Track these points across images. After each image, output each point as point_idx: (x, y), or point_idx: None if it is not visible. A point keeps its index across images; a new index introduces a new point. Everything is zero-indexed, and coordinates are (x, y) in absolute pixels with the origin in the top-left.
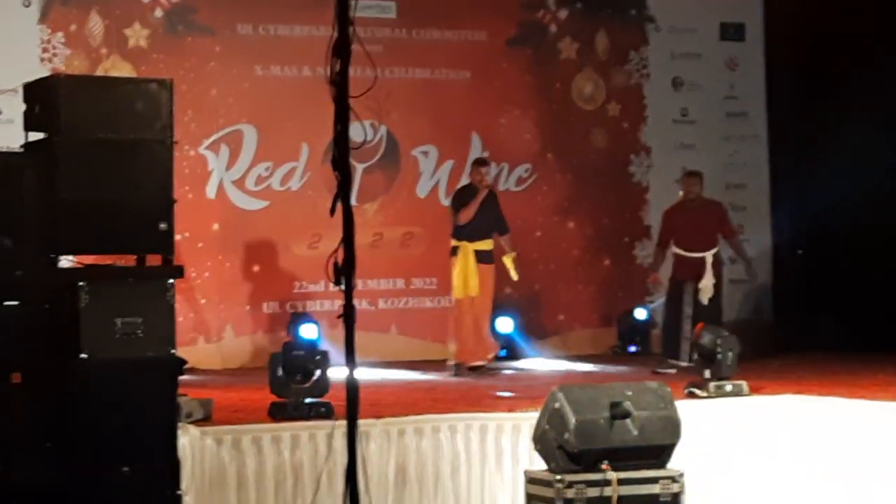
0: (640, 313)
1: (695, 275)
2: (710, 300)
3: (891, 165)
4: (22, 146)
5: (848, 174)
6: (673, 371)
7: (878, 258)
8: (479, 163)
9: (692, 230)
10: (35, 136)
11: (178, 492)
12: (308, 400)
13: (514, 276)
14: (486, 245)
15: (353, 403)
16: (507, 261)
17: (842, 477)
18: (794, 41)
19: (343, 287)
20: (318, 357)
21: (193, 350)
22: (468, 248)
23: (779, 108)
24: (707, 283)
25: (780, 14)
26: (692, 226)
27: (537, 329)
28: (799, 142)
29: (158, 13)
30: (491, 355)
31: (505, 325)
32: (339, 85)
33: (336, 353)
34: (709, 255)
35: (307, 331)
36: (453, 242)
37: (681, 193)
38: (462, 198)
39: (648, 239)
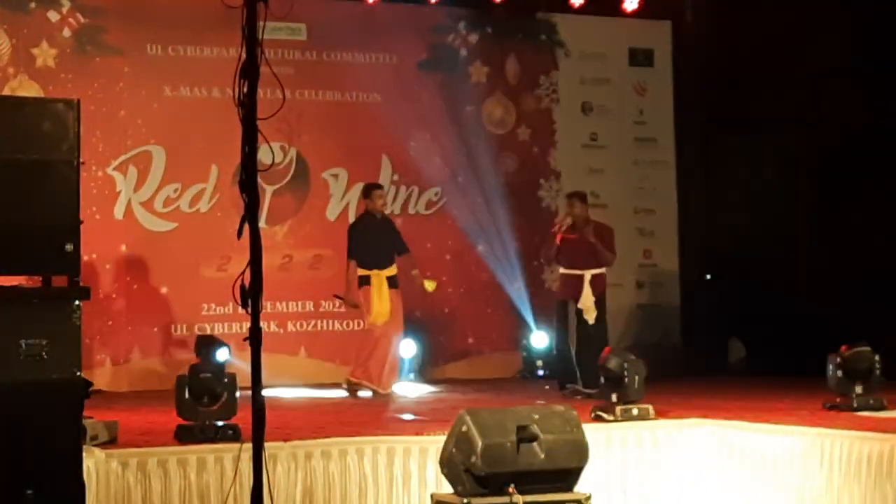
0: (542, 337)
1: (576, 294)
2: (596, 321)
3: (796, 192)
4: None
5: (755, 200)
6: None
7: (783, 283)
8: (377, 186)
9: (574, 248)
10: None
11: None
12: (215, 423)
13: (430, 288)
14: (394, 270)
15: (260, 426)
16: (428, 284)
17: (746, 500)
18: (703, 67)
19: (250, 310)
20: (225, 380)
21: (100, 372)
22: (381, 276)
23: (687, 133)
24: (586, 303)
25: (689, 40)
26: (575, 244)
27: (446, 352)
28: (707, 167)
29: (67, 33)
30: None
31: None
32: (247, 106)
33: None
34: (587, 274)
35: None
36: (362, 272)
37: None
38: (360, 234)
39: (558, 263)
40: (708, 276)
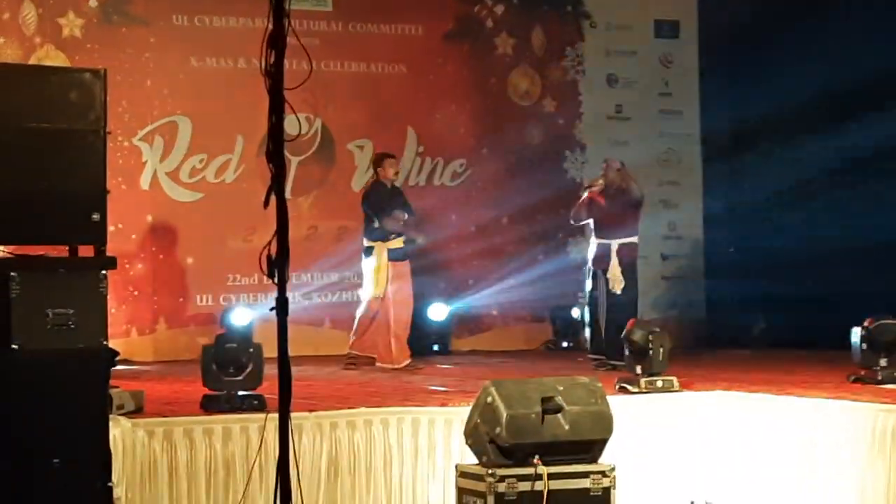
0: (575, 311)
1: (604, 264)
2: (624, 291)
3: (822, 164)
4: None
5: (780, 172)
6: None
7: (808, 255)
8: (389, 155)
9: (604, 217)
10: None
11: (109, 484)
12: (240, 392)
13: None
14: (399, 243)
15: (286, 396)
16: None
17: (771, 472)
18: (728, 39)
19: (276, 280)
20: (250, 350)
21: (126, 342)
22: (382, 248)
23: (712, 105)
24: (614, 273)
25: (715, 12)
26: (605, 212)
27: (471, 324)
28: (732, 139)
29: (93, 3)
30: (406, 362)
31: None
32: (274, 76)
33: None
34: (615, 243)
35: (239, 318)
36: (367, 242)
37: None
38: (378, 200)
39: (582, 235)
40: (732, 249)
